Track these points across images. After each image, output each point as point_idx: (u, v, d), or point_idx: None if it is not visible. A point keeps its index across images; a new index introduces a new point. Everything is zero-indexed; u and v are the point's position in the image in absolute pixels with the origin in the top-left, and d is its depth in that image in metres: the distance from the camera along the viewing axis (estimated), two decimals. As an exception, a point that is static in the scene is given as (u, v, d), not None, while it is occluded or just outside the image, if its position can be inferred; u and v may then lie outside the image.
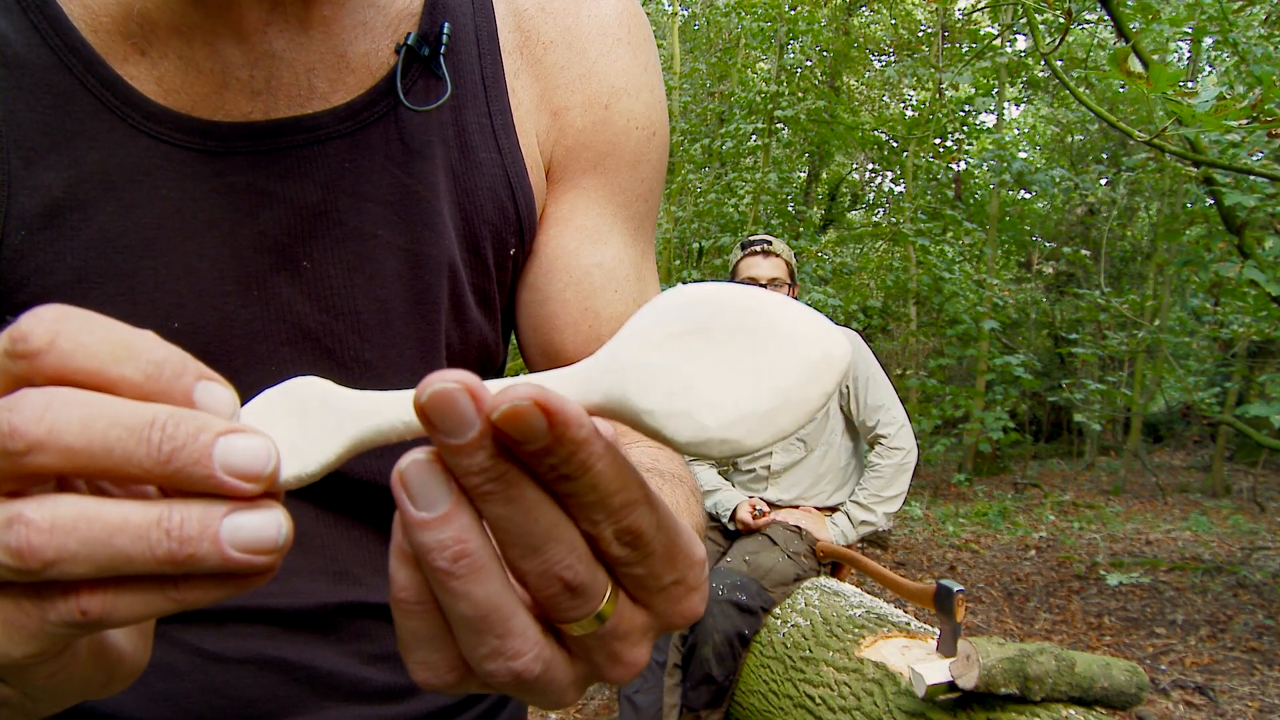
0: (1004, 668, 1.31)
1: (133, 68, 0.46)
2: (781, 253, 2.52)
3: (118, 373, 0.25)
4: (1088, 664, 1.35)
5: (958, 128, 10.57)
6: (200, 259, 0.47)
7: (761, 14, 9.89)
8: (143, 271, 0.46)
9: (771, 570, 2.22)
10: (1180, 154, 3.68)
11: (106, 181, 0.45)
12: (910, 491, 9.66)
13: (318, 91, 0.50)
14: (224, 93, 0.48)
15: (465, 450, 0.24)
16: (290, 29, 0.49)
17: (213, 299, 0.47)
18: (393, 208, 0.52)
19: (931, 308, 9.32)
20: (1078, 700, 1.36)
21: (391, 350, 0.52)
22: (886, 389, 2.52)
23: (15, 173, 0.44)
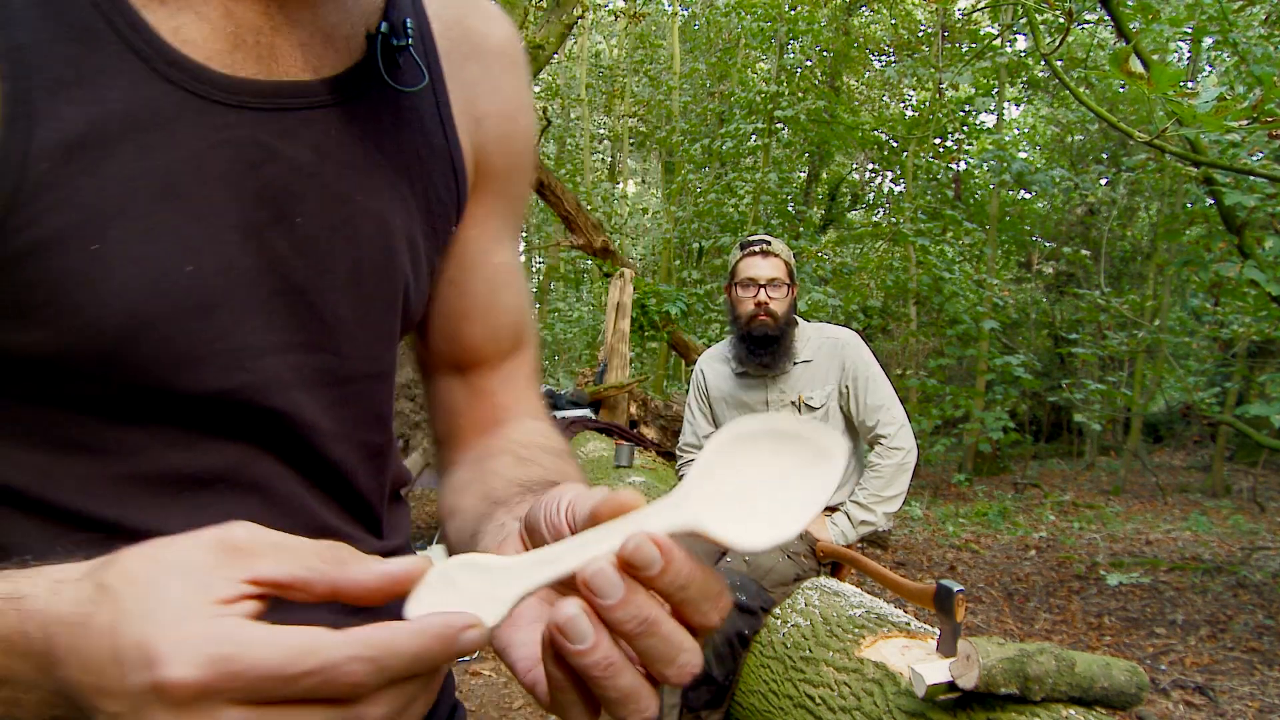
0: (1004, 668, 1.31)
1: (150, 14, 0.48)
2: (780, 253, 2.51)
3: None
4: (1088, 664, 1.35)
5: (958, 128, 10.57)
6: (209, 206, 0.49)
7: (761, 14, 9.89)
8: (160, 214, 0.47)
9: (771, 570, 2.21)
10: (1180, 154, 3.69)
11: (128, 121, 0.46)
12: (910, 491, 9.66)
13: (309, 64, 0.53)
14: (234, 52, 0.50)
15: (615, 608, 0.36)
16: (291, 3, 0.52)
17: (219, 246, 0.49)
18: (370, 176, 0.56)
19: (931, 308, 9.32)
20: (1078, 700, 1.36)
21: (361, 308, 0.56)
22: (887, 389, 2.52)
23: (39, 103, 0.44)
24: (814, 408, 2.49)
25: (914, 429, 2.51)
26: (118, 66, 0.46)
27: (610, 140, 15.74)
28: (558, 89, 13.55)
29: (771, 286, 2.45)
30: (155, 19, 0.48)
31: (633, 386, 5.27)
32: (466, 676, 3.90)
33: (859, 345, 2.56)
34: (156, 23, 0.48)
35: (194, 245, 0.48)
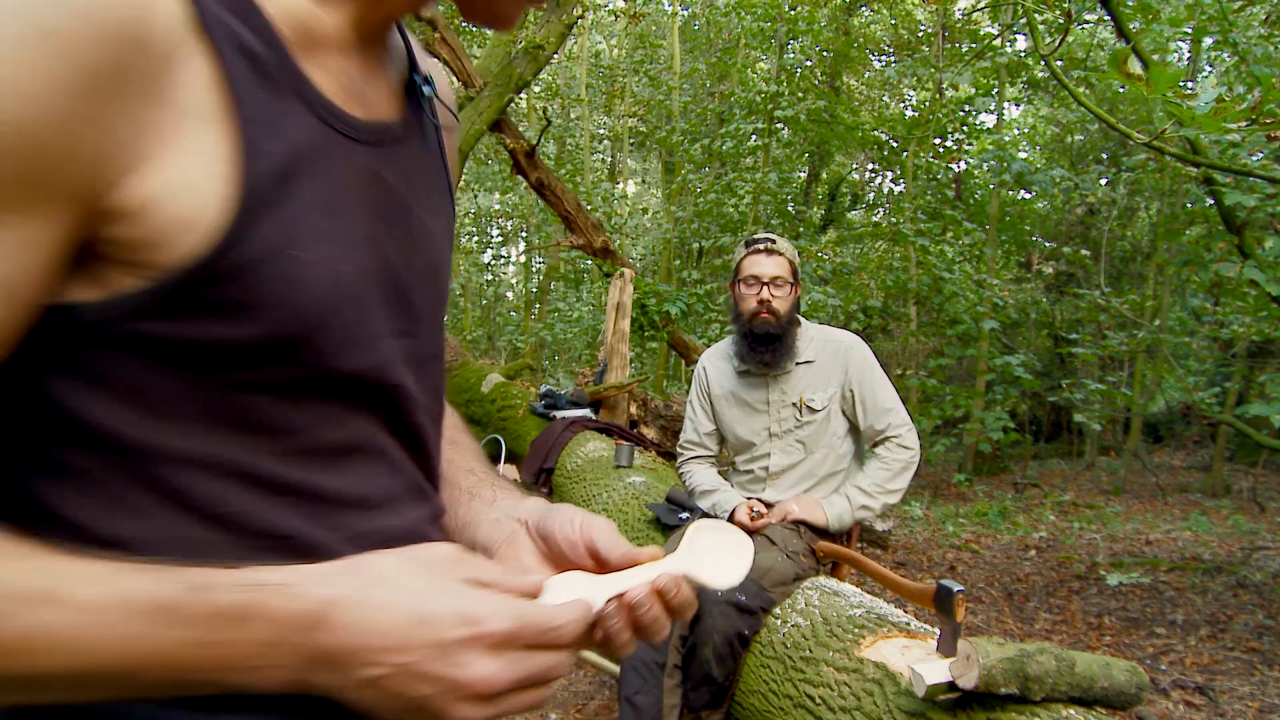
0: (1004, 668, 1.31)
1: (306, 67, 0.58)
2: (785, 251, 2.50)
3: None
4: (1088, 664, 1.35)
5: (958, 128, 10.57)
6: (353, 220, 0.60)
7: (761, 14, 9.89)
8: (328, 226, 0.58)
9: (771, 570, 2.21)
10: (1180, 156, 3.68)
11: (304, 154, 0.57)
12: (910, 491, 9.72)
13: (385, 108, 0.65)
14: (349, 99, 0.61)
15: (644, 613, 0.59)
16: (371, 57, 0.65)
17: (360, 251, 0.61)
18: (432, 200, 0.70)
19: (931, 308, 9.32)
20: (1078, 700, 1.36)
21: (431, 301, 0.69)
22: (892, 392, 2.52)
23: (253, 142, 0.53)
24: (815, 410, 2.49)
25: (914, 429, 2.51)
26: (293, 110, 0.56)
27: (610, 140, 15.73)
28: (558, 89, 13.55)
29: (775, 285, 2.46)
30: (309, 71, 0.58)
31: (633, 386, 5.27)
32: (467, 676, 3.90)
33: (863, 349, 2.56)
34: (310, 74, 0.58)
35: (349, 251, 0.60)
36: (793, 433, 2.51)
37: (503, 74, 7.32)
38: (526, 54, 7.39)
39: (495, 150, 11.75)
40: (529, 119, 12.98)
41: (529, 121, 12.78)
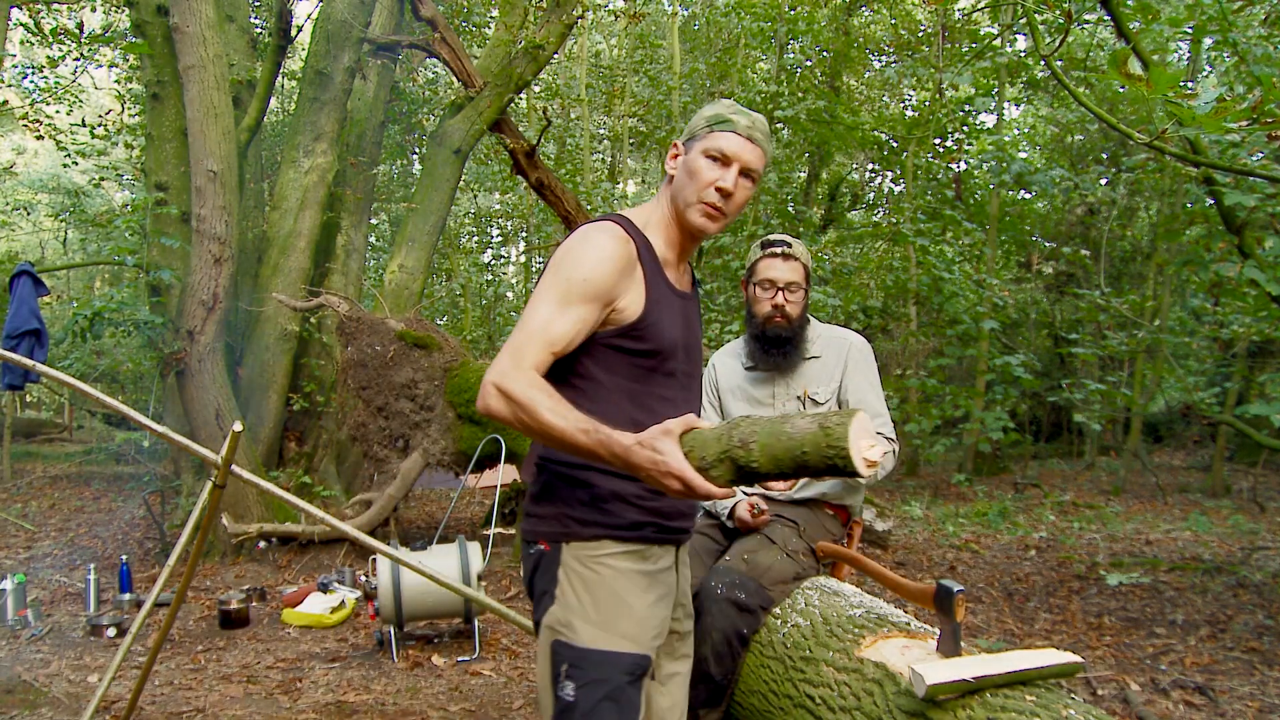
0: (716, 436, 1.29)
1: (665, 269, 1.60)
2: (800, 256, 2.50)
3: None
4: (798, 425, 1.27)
5: (958, 128, 10.56)
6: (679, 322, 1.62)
7: (761, 14, 9.88)
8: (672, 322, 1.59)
9: (771, 569, 2.21)
10: (1180, 156, 3.68)
11: (662, 297, 1.56)
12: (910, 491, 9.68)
13: (685, 285, 1.69)
14: (676, 281, 1.64)
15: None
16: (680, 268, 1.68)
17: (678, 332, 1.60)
18: (696, 319, 1.73)
19: (931, 308, 9.31)
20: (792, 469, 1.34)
21: (698, 355, 1.70)
22: (880, 395, 2.54)
23: (650, 289, 1.54)
24: (819, 403, 2.51)
25: (914, 429, 2.52)
26: (660, 282, 1.57)
27: (610, 140, 15.73)
28: (558, 89, 13.55)
29: (789, 290, 2.46)
30: (665, 270, 1.59)
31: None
32: (467, 676, 3.90)
33: (864, 349, 2.57)
34: (666, 272, 1.60)
35: (677, 330, 1.60)
36: None
37: (503, 74, 7.32)
38: (526, 54, 7.39)
39: (495, 150, 11.74)
40: (529, 119, 12.97)
41: (529, 121, 12.77)
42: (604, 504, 1.52)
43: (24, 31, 9.42)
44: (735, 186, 1.56)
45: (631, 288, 1.50)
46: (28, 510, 8.60)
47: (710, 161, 1.56)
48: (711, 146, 1.56)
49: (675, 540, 1.63)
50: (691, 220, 1.57)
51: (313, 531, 5.99)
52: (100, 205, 13.21)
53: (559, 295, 1.45)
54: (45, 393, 17.03)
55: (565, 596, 1.51)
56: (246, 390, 6.93)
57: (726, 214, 1.59)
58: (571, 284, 1.45)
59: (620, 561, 1.52)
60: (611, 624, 1.48)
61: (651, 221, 1.61)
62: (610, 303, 1.48)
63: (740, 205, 1.60)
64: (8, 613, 4.72)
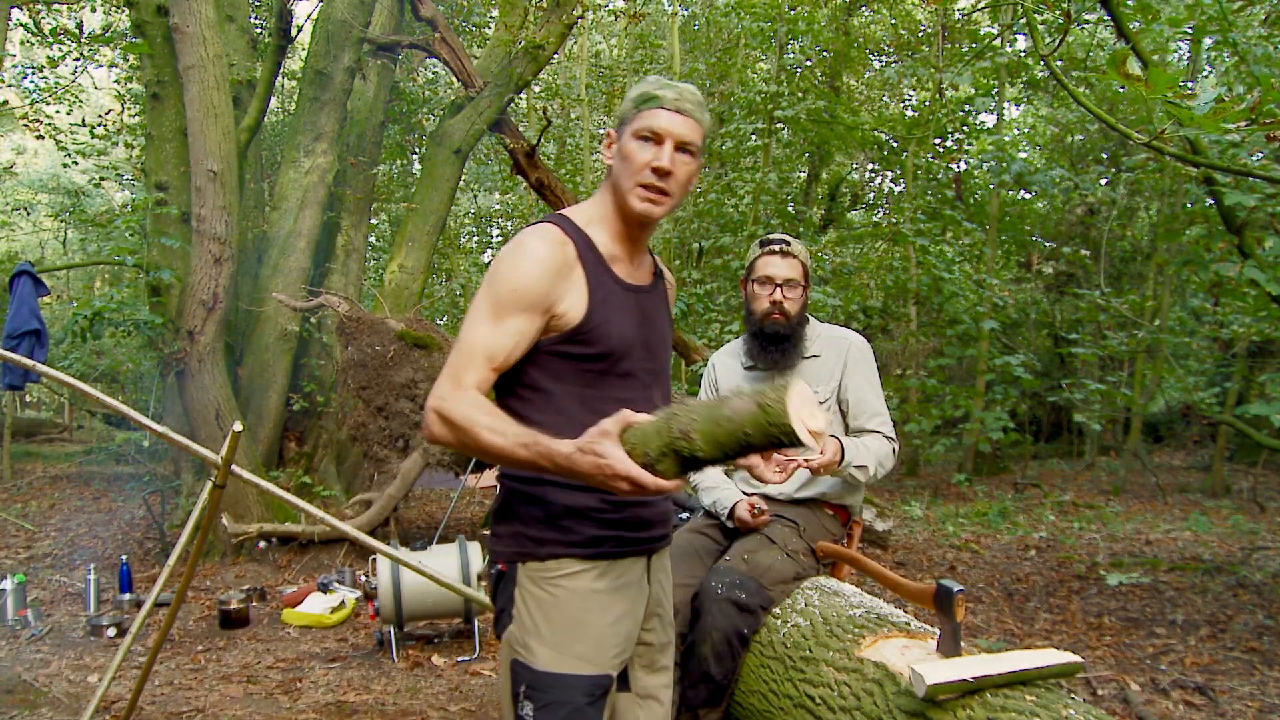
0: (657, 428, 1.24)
1: (611, 265, 1.52)
2: (799, 253, 2.51)
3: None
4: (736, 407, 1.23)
5: (958, 128, 10.56)
6: (631, 317, 1.52)
7: (761, 14, 9.88)
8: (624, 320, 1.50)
9: (770, 569, 2.21)
10: (1180, 156, 3.68)
11: (610, 295, 1.49)
12: (910, 491, 9.67)
13: (643, 279, 1.59)
14: (629, 276, 1.55)
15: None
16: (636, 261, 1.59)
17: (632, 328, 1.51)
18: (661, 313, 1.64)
19: (931, 308, 9.31)
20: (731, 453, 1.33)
21: (662, 353, 1.63)
22: (880, 396, 2.54)
23: (593, 289, 1.46)
24: (819, 401, 2.50)
25: (914, 429, 2.51)
26: (606, 280, 1.49)
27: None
28: (558, 89, 13.54)
29: (788, 286, 2.47)
30: (613, 266, 1.52)
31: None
32: (467, 676, 3.90)
33: (863, 348, 2.57)
34: (614, 268, 1.52)
35: (629, 328, 1.50)
36: None
37: (503, 74, 7.32)
38: (526, 54, 7.39)
39: (495, 150, 11.74)
40: (529, 119, 12.97)
41: (529, 121, 12.77)
42: (559, 520, 1.47)
43: (24, 31, 9.42)
44: (672, 163, 1.46)
45: (571, 291, 1.44)
46: (28, 510, 8.60)
47: (642, 142, 1.48)
48: (641, 127, 1.48)
49: (643, 551, 1.57)
50: (633, 207, 1.48)
51: (313, 531, 5.99)
52: (100, 205, 13.21)
53: (492, 309, 1.41)
54: (45, 393, 17.03)
55: (521, 617, 1.47)
56: (246, 390, 6.93)
57: (670, 193, 1.49)
58: (503, 296, 1.40)
59: (577, 581, 1.47)
60: (567, 646, 1.44)
61: (595, 217, 1.54)
62: (548, 309, 1.42)
63: (685, 183, 1.51)
64: (8, 613, 4.72)
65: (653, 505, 1.57)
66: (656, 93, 1.49)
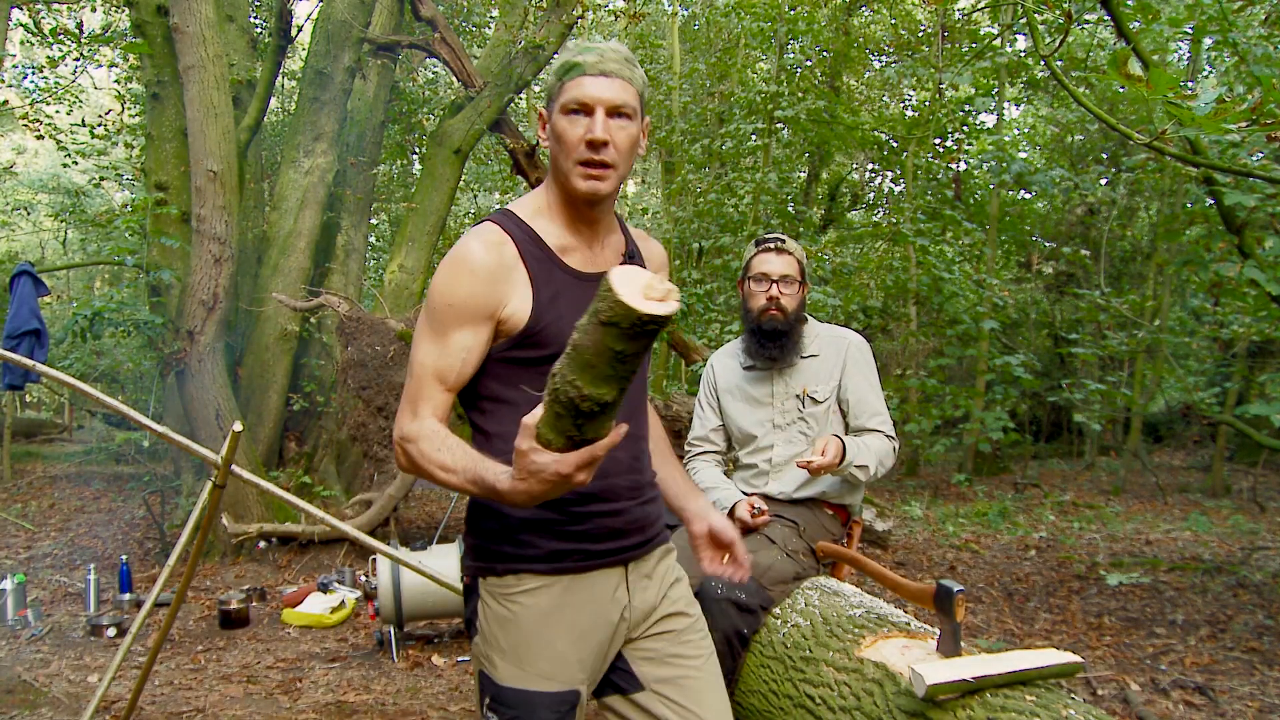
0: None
1: (562, 256, 1.41)
2: (794, 251, 2.54)
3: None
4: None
5: (958, 128, 10.55)
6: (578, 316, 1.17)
7: (761, 14, 9.87)
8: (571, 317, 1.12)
9: (770, 569, 2.21)
10: (1180, 156, 3.68)
11: (560, 290, 1.38)
12: (910, 491, 9.66)
13: (608, 263, 1.46)
14: (586, 264, 1.44)
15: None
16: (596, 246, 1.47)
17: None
18: None
19: (931, 308, 9.31)
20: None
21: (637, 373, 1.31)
22: (880, 395, 2.55)
23: (539, 287, 1.37)
24: (818, 401, 2.51)
25: (914, 429, 2.52)
26: (556, 274, 1.39)
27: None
28: (558, 89, 13.54)
29: (784, 283, 2.49)
30: (564, 258, 1.41)
31: (633, 386, 5.27)
32: (467, 676, 3.90)
33: (863, 348, 2.58)
34: (565, 259, 1.41)
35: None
36: (795, 424, 2.52)
37: (503, 74, 7.32)
38: (526, 54, 7.39)
39: (495, 150, 11.74)
40: (529, 119, 12.97)
41: (529, 121, 12.77)
42: (517, 535, 1.40)
43: (24, 31, 9.42)
44: (606, 132, 1.34)
45: (514, 292, 1.35)
46: (28, 510, 8.60)
47: (572, 116, 1.36)
48: (567, 100, 1.36)
49: (614, 562, 1.46)
50: (576, 188, 1.37)
51: (313, 531, 5.99)
52: (100, 205, 13.20)
53: (434, 327, 1.35)
54: (45, 393, 17.03)
55: (484, 631, 1.42)
56: (246, 390, 6.93)
57: (612, 165, 1.37)
58: (439, 313, 1.34)
59: (537, 598, 1.39)
60: (528, 663, 1.38)
61: (542, 206, 1.44)
62: (492, 316, 1.34)
63: (628, 150, 1.38)
64: (8, 613, 4.72)
65: (624, 513, 1.45)
66: (576, 59, 1.37)
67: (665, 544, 1.58)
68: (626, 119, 1.37)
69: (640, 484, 1.50)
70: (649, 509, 1.53)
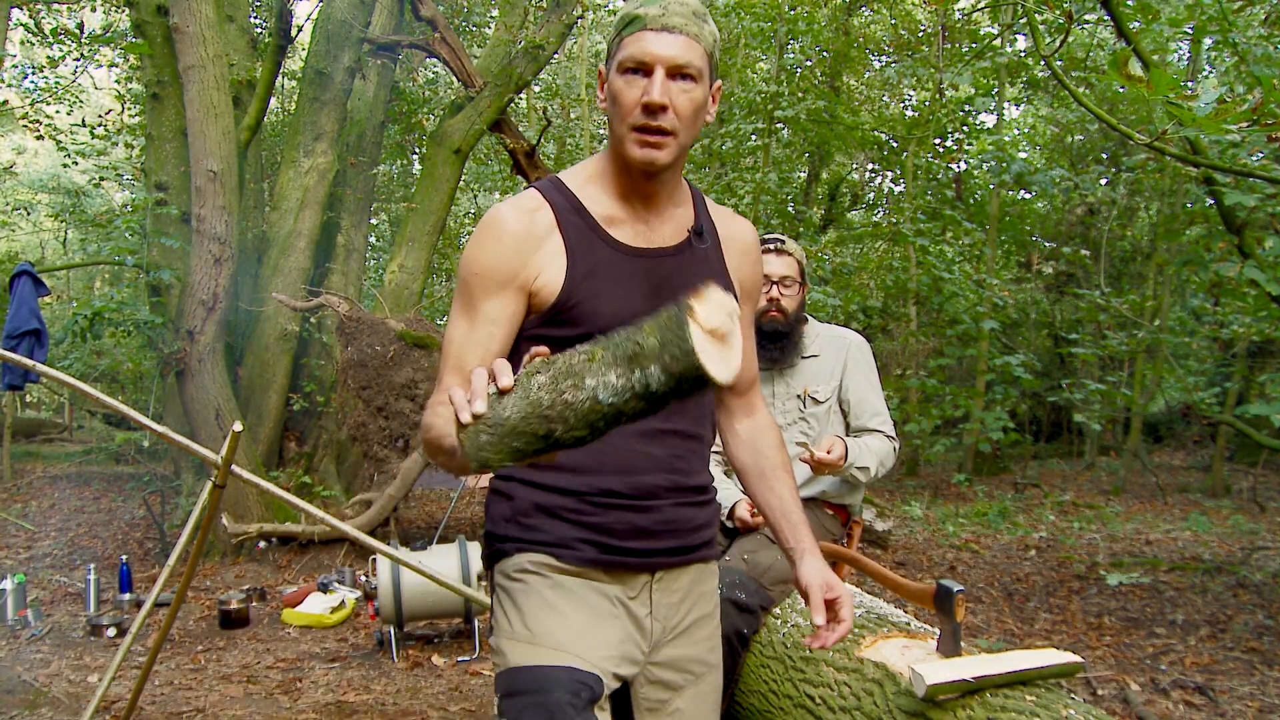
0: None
1: (608, 228, 1.28)
2: (793, 251, 2.54)
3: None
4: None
5: (958, 128, 10.55)
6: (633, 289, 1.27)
7: (761, 14, 9.87)
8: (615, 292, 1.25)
9: (770, 568, 2.21)
10: (1180, 156, 3.68)
11: (601, 264, 1.26)
12: (910, 491, 9.67)
13: (666, 239, 1.32)
14: (637, 238, 1.30)
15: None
16: (654, 219, 1.32)
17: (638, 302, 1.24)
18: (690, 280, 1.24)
19: (931, 308, 9.31)
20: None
21: None
22: (880, 396, 2.56)
23: (575, 260, 1.24)
24: (819, 401, 2.52)
25: (914, 429, 2.53)
26: (598, 246, 1.27)
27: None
28: (558, 89, 13.54)
29: (783, 284, 2.49)
30: (610, 229, 1.28)
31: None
32: (467, 676, 3.90)
33: (863, 348, 2.59)
34: (611, 231, 1.29)
35: (627, 302, 1.24)
36: (796, 424, 2.53)
37: (503, 74, 7.32)
38: (526, 54, 7.39)
39: (495, 150, 11.73)
40: (529, 119, 12.97)
41: (529, 121, 12.77)
42: (525, 519, 1.28)
43: (24, 31, 9.42)
44: (665, 94, 1.19)
45: (548, 263, 1.24)
46: (28, 510, 8.60)
47: (629, 76, 1.21)
48: (625, 58, 1.21)
49: (637, 566, 1.29)
50: (631, 156, 1.23)
51: (313, 531, 5.99)
52: (100, 205, 13.20)
53: (464, 303, 1.26)
54: (45, 393, 17.03)
55: (499, 620, 1.29)
56: (246, 390, 6.93)
57: (673, 132, 1.21)
58: (469, 285, 1.25)
59: (549, 572, 1.26)
60: (540, 635, 1.22)
61: (595, 174, 1.32)
62: (524, 286, 1.24)
63: (691, 117, 1.23)
64: (8, 613, 4.72)
65: (655, 511, 1.29)
66: (637, 11, 1.22)
67: (708, 562, 1.40)
68: (691, 80, 1.21)
69: (684, 486, 1.33)
70: (690, 512, 1.34)
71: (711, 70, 1.25)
